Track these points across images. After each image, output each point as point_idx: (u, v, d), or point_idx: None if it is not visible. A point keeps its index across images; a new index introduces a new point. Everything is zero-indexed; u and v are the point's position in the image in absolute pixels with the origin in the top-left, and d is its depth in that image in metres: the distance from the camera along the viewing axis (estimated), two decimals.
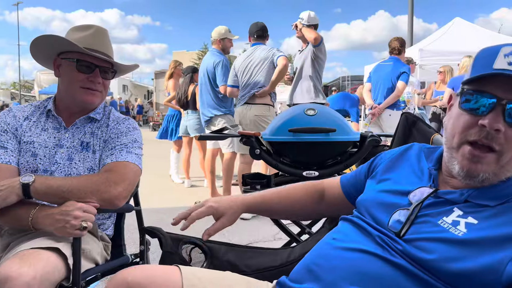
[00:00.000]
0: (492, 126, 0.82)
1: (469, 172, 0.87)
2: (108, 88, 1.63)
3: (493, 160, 0.84)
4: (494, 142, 0.83)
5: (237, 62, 4.23)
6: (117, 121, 1.62)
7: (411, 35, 12.63)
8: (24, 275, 1.12)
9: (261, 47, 4.15)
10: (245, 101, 4.08)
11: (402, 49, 4.96)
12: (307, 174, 2.13)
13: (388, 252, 0.87)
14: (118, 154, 1.50)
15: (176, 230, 1.25)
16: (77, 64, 1.50)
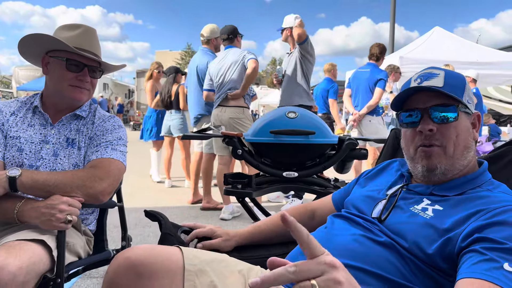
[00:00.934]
0: (425, 128, 1.04)
1: (429, 167, 1.06)
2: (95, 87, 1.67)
3: (441, 152, 1.04)
4: (433, 140, 1.04)
5: (211, 66, 4.25)
6: (103, 118, 1.66)
7: (392, 42, 12.87)
8: (10, 265, 1.14)
9: (233, 50, 4.16)
10: (219, 103, 4.09)
11: (381, 56, 5.07)
12: (287, 174, 2.20)
13: (374, 234, 1.03)
14: (103, 151, 1.53)
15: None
16: (66, 63, 1.54)
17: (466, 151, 1.06)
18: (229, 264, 1.11)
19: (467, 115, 1.06)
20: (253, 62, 3.94)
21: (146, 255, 1.01)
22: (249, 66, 3.94)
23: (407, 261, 0.96)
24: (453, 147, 1.04)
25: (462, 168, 1.07)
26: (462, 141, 1.04)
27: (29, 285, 1.18)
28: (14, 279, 1.12)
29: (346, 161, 2.32)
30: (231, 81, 4.04)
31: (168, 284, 0.99)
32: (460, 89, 1.05)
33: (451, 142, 1.04)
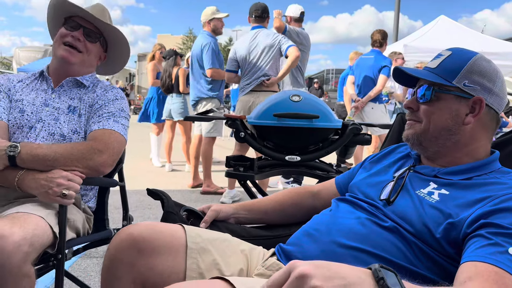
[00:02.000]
0: (406, 105, 1.12)
1: (406, 138, 1.12)
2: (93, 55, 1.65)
3: (418, 126, 1.09)
4: (413, 117, 1.10)
5: (238, 47, 4.06)
6: (105, 88, 1.66)
7: (396, 31, 12.77)
8: (15, 235, 1.14)
9: (264, 32, 3.97)
10: (251, 89, 3.93)
11: (384, 41, 5.02)
12: (289, 158, 2.18)
13: (378, 218, 1.02)
14: (105, 122, 1.53)
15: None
16: (65, 23, 1.61)
17: (446, 133, 1.04)
18: (232, 243, 1.10)
19: (456, 98, 1.03)
20: (295, 51, 3.76)
21: (149, 231, 1.00)
22: (291, 55, 3.76)
23: (411, 245, 0.95)
24: (428, 125, 1.06)
25: (465, 154, 1.05)
26: (438, 121, 1.05)
27: (31, 257, 1.18)
28: (18, 248, 1.13)
29: (349, 146, 2.30)
30: (265, 66, 3.88)
31: (170, 261, 0.99)
32: (454, 71, 1.04)
33: (426, 120, 1.07)
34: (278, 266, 1.03)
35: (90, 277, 2.30)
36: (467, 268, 0.79)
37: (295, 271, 0.58)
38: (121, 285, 0.99)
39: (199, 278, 0.97)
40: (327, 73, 27.10)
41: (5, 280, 1.11)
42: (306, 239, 1.05)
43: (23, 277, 1.15)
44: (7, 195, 1.45)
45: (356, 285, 0.59)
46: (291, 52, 3.77)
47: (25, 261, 1.15)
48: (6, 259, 1.11)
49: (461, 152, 1.06)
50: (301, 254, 1.02)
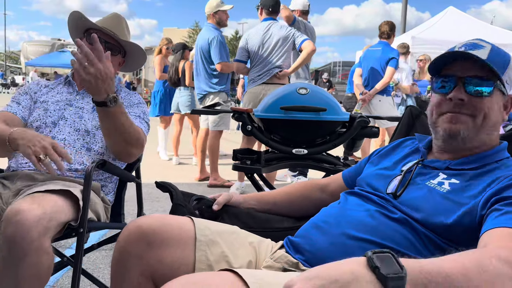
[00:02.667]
0: (456, 96, 1.01)
1: (451, 132, 1.03)
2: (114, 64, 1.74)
3: (469, 120, 1.02)
4: (463, 109, 1.02)
5: (250, 37, 4.02)
6: (128, 92, 1.81)
7: (404, 22, 12.65)
8: (35, 210, 1.18)
9: (277, 24, 3.96)
10: (263, 81, 3.90)
11: (392, 33, 4.96)
12: (296, 151, 2.18)
13: (388, 210, 1.02)
14: (134, 120, 1.62)
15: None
16: (87, 37, 1.69)
17: (493, 128, 1.04)
18: (240, 236, 1.10)
19: (501, 95, 1.03)
20: (311, 45, 3.76)
21: (158, 224, 1.01)
22: (306, 48, 3.75)
23: (421, 236, 0.95)
24: (482, 120, 1.01)
25: (482, 145, 1.05)
26: (493, 117, 1.02)
27: (50, 232, 1.22)
28: (38, 222, 1.17)
29: (356, 139, 2.29)
30: (279, 58, 3.87)
31: (179, 253, 0.99)
32: (502, 67, 1.01)
33: (481, 114, 1.01)
34: (286, 258, 1.03)
35: (99, 270, 2.33)
36: (484, 237, 0.81)
37: None
38: (130, 277, 1.00)
39: (208, 270, 0.98)
40: (334, 66, 26.94)
41: (25, 253, 1.15)
42: (314, 231, 1.05)
43: (43, 253, 1.19)
44: (34, 177, 1.52)
45: (351, 283, 0.58)
46: (306, 45, 3.76)
47: (44, 235, 1.19)
48: (26, 232, 1.15)
49: (482, 143, 1.05)
50: (309, 246, 1.02)
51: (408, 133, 1.51)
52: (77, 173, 1.59)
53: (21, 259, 1.16)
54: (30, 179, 1.51)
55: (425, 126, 1.49)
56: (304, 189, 1.38)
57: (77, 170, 1.59)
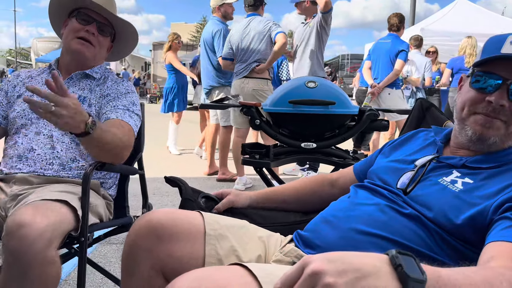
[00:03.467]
0: (498, 102, 0.95)
1: (482, 136, 0.99)
2: (105, 49, 1.69)
3: (502, 126, 0.98)
4: (500, 115, 0.97)
5: (233, 34, 4.13)
6: (115, 81, 1.68)
7: (413, 14, 12.50)
8: (38, 222, 1.16)
9: (257, 19, 4.04)
10: (243, 75, 4.02)
11: (401, 25, 4.89)
12: (305, 145, 2.18)
13: (398, 205, 1.00)
14: (123, 115, 1.55)
15: None
16: (77, 16, 1.60)
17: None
18: (249, 230, 1.11)
19: None
20: (282, 37, 3.81)
21: (168, 218, 1.01)
22: (278, 41, 3.81)
23: (432, 232, 0.94)
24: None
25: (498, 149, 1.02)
26: None
27: (55, 243, 1.20)
28: (42, 235, 1.15)
29: (366, 132, 2.28)
30: (257, 52, 3.94)
31: (188, 247, 1.00)
32: None
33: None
34: (296, 252, 1.03)
35: (110, 263, 2.35)
36: (491, 248, 0.79)
37: (308, 268, 0.58)
38: (140, 270, 1.01)
39: (217, 264, 0.98)
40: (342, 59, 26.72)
41: (30, 266, 1.13)
42: (324, 225, 1.05)
43: (48, 263, 1.16)
44: (30, 180, 1.48)
45: (371, 275, 0.57)
46: (278, 38, 3.83)
47: (48, 246, 1.16)
48: (29, 247, 1.12)
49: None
50: (319, 240, 1.02)
51: (419, 126, 1.50)
52: (71, 171, 1.54)
53: (25, 272, 1.14)
54: (26, 182, 1.48)
55: (436, 118, 1.48)
56: (315, 185, 1.36)
57: (71, 168, 1.54)
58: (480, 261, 0.78)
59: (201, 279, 0.74)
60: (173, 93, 6.08)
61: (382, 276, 0.58)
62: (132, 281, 1.02)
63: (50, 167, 1.52)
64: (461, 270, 0.68)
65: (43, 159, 1.52)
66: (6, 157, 1.56)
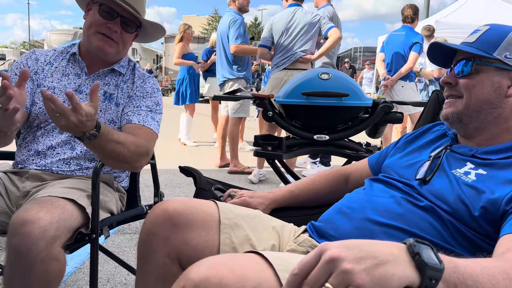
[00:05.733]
0: (443, 80, 1.09)
1: (443, 117, 1.09)
2: (128, 44, 1.59)
3: (458, 102, 1.06)
4: (453, 91, 1.07)
5: (275, 23, 3.99)
6: (142, 78, 1.62)
7: (427, 7, 12.32)
8: (41, 219, 1.14)
9: (301, 10, 3.92)
10: (285, 66, 3.90)
11: (415, 17, 4.82)
12: (317, 137, 2.17)
13: (414, 198, 1.01)
14: (145, 118, 1.51)
15: None
16: (100, 7, 1.48)
17: (488, 106, 1.01)
18: (263, 219, 1.11)
19: (498, 70, 1.01)
20: (337, 32, 3.74)
21: (183, 207, 1.03)
22: (331, 36, 3.73)
23: (447, 224, 0.94)
24: (470, 99, 1.03)
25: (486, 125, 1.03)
26: (480, 94, 1.01)
27: (60, 240, 1.19)
28: (44, 233, 1.13)
29: (379, 125, 2.26)
30: (302, 44, 3.85)
31: (203, 236, 1.01)
32: (494, 44, 1.01)
33: (467, 93, 1.04)
34: (310, 242, 1.03)
35: (124, 252, 2.38)
36: (506, 240, 0.79)
37: (326, 254, 0.58)
38: (156, 258, 1.02)
39: (232, 252, 0.99)
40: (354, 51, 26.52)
41: (32, 263, 1.13)
42: (339, 216, 1.05)
43: (51, 260, 1.15)
44: (43, 177, 1.47)
45: (389, 262, 0.58)
46: (332, 33, 3.74)
47: (52, 244, 1.15)
48: (32, 244, 1.12)
49: (501, 128, 1.03)
50: (334, 231, 1.02)
51: (434, 119, 1.48)
52: (88, 170, 1.51)
53: (27, 269, 1.13)
54: (39, 179, 1.46)
55: None
56: (332, 182, 1.35)
57: (88, 167, 1.52)
58: (495, 253, 0.78)
59: (217, 265, 0.75)
60: (185, 84, 6.10)
61: (400, 264, 0.58)
62: (148, 269, 1.04)
63: (67, 166, 1.50)
64: (478, 261, 0.68)
65: (61, 158, 1.49)
66: (24, 149, 1.53)
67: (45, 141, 1.50)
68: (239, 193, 1.30)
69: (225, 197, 1.30)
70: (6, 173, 1.51)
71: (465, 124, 1.05)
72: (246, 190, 1.35)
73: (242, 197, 1.27)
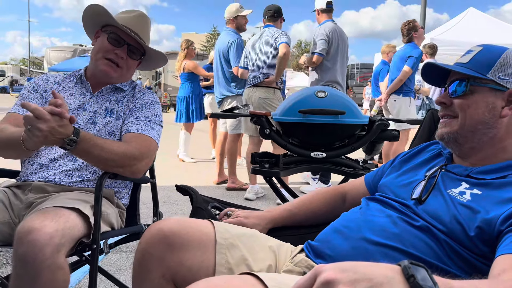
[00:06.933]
0: (438, 100, 1.11)
1: (438, 136, 1.10)
2: (132, 70, 1.70)
3: (453, 122, 1.07)
4: (448, 111, 1.08)
5: (248, 44, 4.25)
6: (143, 92, 1.71)
7: (423, 25, 12.46)
8: (47, 227, 1.17)
9: (269, 30, 4.10)
10: (252, 84, 4.10)
11: (411, 32, 4.84)
12: (314, 155, 2.18)
13: (409, 217, 1.01)
14: (144, 127, 1.57)
15: None
16: (109, 35, 1.60)
17: (483, 126, 1.02)
18: (259, 239, 1.11)
19: (492, 91, 1.02)
20: (283, 47, 3.86)
21: (179, 226, 1.02)
22: (280, 51, 3.87)
23: (443, 244, 0.94)
24: (465, 119, 1.04)
25: (502, 152, 1.03)
26: (475, 115, 1.02)
27: (64, 248, 1.21)
28: (50, 240, 1.15)
29: (376, 142, 2.27)
30: (265, 63, 4.02)
31: (199, 256, 1.00)
32: (488, 64, 1.03)
33: (462, 114, 1.05)
34: (307, 262, 1.03)
35: (120, 271, 2.36)
36: (501, 261, 0.79)
37: (321, 276, 0.58)
38: (151, 278, 1.02)
39: (228, 273, 0.99)
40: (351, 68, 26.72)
41: (39, 272, 1.14)
42: (335, 235, 1.05)
43: (57, 269, 1.17)
44: (46, 189, 1.50)
45: (383, 285, 0.57)
46: (280, 48, 3.91)
47: (57, 252, 1.17)
48: (38, 251, 1.13)
49: (496, 148, 1.03)
50: (330, 250, 1.02)
51: (430, 137, 1.49)
52: (90, 183, 1.55)
53: (34, 278, 1.14)
54: (42, 191, 1.49)
55: None
56: (329, 200, 1.35)
57: (90, 180, 1.55)
58: (491, 274, 0.78)
59: (212, 287, 0.75)
60: (191, 103, 6.05)
61: (395, 286, 0.58)
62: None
63: (69, 178, 1.53)
64: (473, 283, 0.68)
65: (63, 170, 1.53)
66: (28, 164, 1.57)
67: (48, 155, 1.55)
68: (235, 213, 1.30)
69: (222, 216, 1.30)
70: (10, 187, 1.56)
71: (460, 144, 1.06)
72: (243, 209, 1.35)
73: (238, 218, 1.26)
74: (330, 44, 4.15)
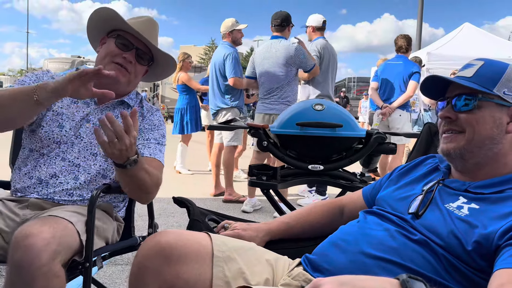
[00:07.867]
0: (443, 115, 1.08)
1: (444, 152, 1.08)
2: (140, 76, 1.64)
3: (460, 137, 1.05)
4: (453, 126, 1.06)
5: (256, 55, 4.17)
6: (151, 111, 1.66)
7: (419, 39, 12.61)
8: (45, 232, 1.15)
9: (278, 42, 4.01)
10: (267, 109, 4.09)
11: (409, 47, 4.89)
12: (312, 167, 2.17)
13: (407, 231, 1.00)
14: (155, 150, 1.55)
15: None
16: (116, 39, 1.54)
17: (490, 142, 1.02)
18: (257, 252, 1.10)
19: (498, 106, 1.02)
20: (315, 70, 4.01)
21: (176, 239, 1.02)
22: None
23: (440, 258, 0.94)
24: (473, 134, 1.03)
25: (502, 167, 1.03)
26: (483, 130, 1.02)
27: (60, 256, 1.18)
28: (47, 246, 1.13)
29: (373, 155, 2.28)
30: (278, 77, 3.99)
31: (196, 269, 0.99)
32: (493, 79, 1.03)
33: (470, 128, 1.03)
34: (304, 276, 1.02)
35: (116, 284, 2.33)
36: (499, 275, 0.79)
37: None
38: None
39: (225, 287, 0.98)
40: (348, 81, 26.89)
41: (34, 278, 1.11)
42: (333, 249, 1.05)
43: (53, 276, 1.14)
44: (43, 206, 1.46)
45: None
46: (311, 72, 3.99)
47: (54, 259, 1.15)
48: (35, 257, 1.11)
49: (499, 163, 1.03)
50: (328, 264, 1.02)
51: (427, 150, 1.50)
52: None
53: (29, 284, 1.11)
54: (39, 208, 1.45)
55: None
56: (327, 214, 1.35)
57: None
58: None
59: None
60: (185, 114, 6.09)
61: None
62: None
63: (69, 197, 1.49)
64: None
65: (64, 188, 1.48)
66: (25, 176, 1.50)
67: (47, 169, 1.49)
68: (233, 225, 1.29)
69: (219, 229, 1.29)
70: (2, 200, 1.49)
71: (465, 160, 1.05)
72: (240, 221, 1.34)
73: (235, 230, 1.26)
74: (322, 60, 4.25)
